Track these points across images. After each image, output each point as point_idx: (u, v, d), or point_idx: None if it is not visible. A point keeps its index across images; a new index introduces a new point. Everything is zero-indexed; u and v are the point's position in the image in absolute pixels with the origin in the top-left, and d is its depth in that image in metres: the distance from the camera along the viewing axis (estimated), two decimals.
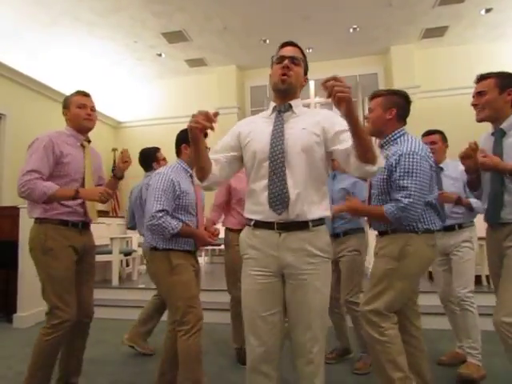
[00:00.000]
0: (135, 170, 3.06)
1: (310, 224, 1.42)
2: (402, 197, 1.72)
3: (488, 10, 5.77)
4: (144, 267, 5.14)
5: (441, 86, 6.80)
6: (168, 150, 2.99)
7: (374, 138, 1.90)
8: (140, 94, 8.06)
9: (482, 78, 1.83)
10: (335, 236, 2.60)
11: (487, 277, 3.91)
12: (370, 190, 2.00)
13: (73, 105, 2.17)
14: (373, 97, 1.96)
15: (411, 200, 1.70)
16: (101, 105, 7.67)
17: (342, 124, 1.38)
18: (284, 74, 1.47)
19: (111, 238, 4.88)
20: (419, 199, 1.72)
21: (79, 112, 2.16)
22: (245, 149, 1.53)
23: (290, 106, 1.52)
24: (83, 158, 2.18)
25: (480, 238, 3.41)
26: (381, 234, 1.93)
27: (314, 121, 1.48)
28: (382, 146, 1.95)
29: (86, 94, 2.22)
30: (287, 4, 5.48)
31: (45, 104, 6.31)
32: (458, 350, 2.63)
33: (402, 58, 6.87)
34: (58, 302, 1.99)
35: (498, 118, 1.78)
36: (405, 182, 1.72)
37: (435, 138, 2.62)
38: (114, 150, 7.83)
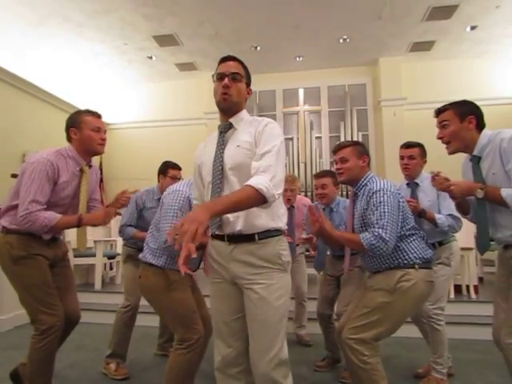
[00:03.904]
0: (126, 171, 3.05)
1: (256, 237, 1.41)
2: (378, 228, 1.76)
3: (473, 28, 5.97)
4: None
5: (426, 98, 6.95)
6: (156, 154, 2.96)
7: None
8: (129, 97, 8.00)
9: (440, 111, 1.84)
10: (339, 256, 2.59)
11: (467, 286, 3.98)
12: (352, 220, 2.00)
13: (87, 126, 2.00)
14: (340, 147, 2.02)
15: (386, 231, 1.74)
16: (89, 106, 7.61)
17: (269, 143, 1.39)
18: (225, 93, 1.47)
19: (95, 241, 4.80)
20: (392, 232, 1.76)
21: (94, 136, 2.01)
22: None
23: (231, 124, 1.52)
24: (76, 186, 2.02)
25: (462, 249, 3.49)
26: (374, 272, 1.93)
27: (249, 134, 1.45)
28: (355, 194, 1.98)
29: (99, 116, 2.08)
30: (279, 12, 5.54)
31: (34, 103, 6.21)
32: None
33: (390, 69, 7.01)
34: (42, 307, 1.91)
35: (467, 146, 1.78)
36: (378, 215, 1.78)
37: (414, 152, 2.52)
38: None
